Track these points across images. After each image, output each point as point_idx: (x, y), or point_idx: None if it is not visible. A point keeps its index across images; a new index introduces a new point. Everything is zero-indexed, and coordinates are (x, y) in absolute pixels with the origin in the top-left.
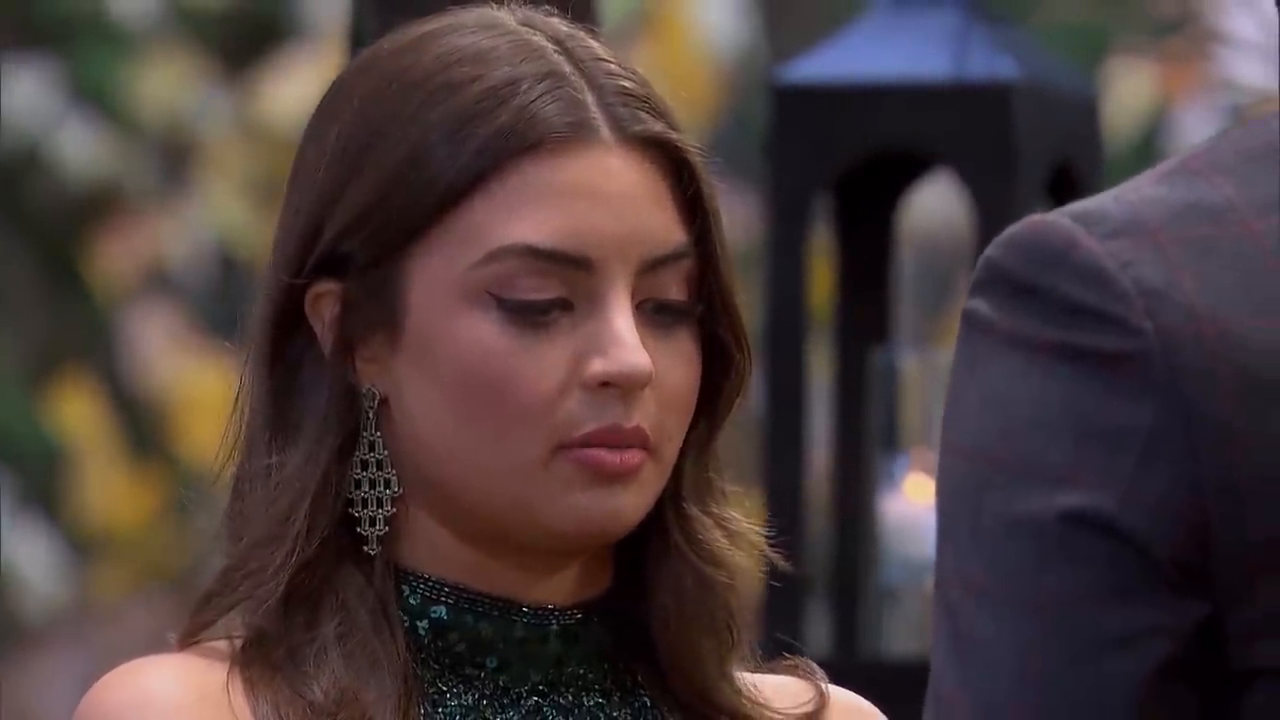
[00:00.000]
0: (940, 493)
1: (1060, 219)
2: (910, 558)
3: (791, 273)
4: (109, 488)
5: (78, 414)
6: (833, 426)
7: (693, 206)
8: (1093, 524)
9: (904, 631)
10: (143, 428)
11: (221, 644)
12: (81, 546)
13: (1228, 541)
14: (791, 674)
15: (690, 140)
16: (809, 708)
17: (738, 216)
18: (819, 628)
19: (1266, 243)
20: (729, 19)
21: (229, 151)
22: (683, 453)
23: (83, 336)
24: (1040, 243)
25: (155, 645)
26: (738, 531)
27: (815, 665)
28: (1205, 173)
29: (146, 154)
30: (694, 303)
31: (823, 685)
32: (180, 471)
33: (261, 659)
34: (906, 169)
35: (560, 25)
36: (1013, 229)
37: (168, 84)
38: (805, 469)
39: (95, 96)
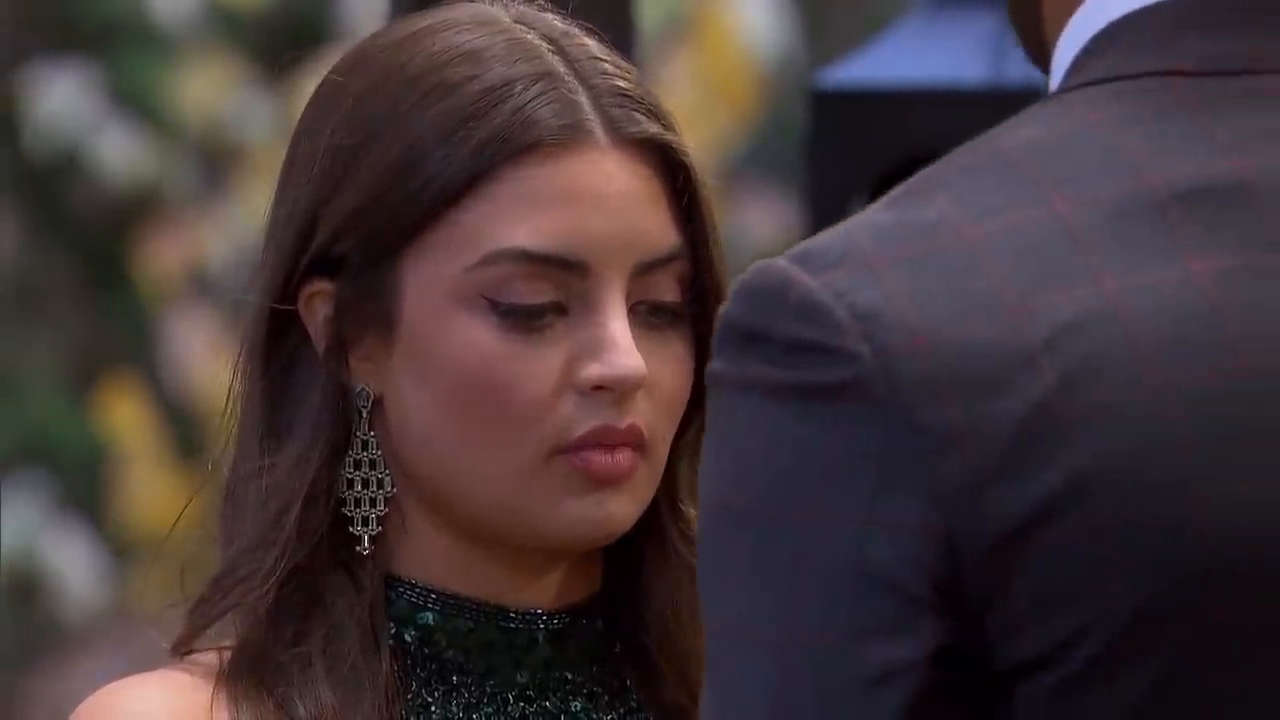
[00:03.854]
0: (697, 554)
1: (779, 261)
2: None
3: None
4: (151, 492)
5: (120, 418)
6: None
7: (687, 207)
8: (836, 562)
9: None
10: (185, 432)
11: (210, 656)
12: (123, 551)
13: (970, 544)
14: None
15: (683, 140)
16: None
17: (776, 219)
18: None
19: (976, 248)
20: (768, 23)
21: (269, 155)
22: (676, 453)
23: (125, 340)
24: (760, 288)
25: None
26: None
27: None
28: (923, 191)
29: (187, 158)
30: (687, 304)
31: None
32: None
33: (249, 671)
34: None
35: (555, 22)
36: (739, 279)
37: (208, 87)
38: None
39: (135, 100)
